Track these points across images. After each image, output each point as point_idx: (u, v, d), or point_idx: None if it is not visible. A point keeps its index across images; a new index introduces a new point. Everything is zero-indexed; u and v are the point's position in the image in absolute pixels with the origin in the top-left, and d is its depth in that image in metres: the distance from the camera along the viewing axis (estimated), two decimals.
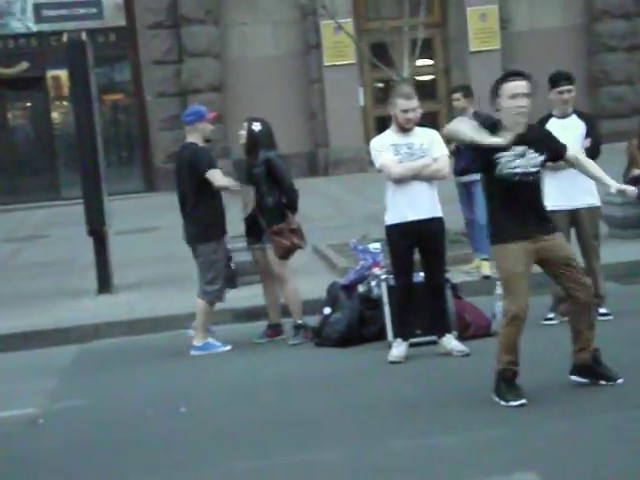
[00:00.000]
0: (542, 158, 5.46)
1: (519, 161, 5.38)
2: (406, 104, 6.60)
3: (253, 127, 7.55)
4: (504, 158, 5.37)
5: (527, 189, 5.43)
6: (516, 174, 5.38)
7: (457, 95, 9.14)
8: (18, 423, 6.07)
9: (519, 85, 5.40)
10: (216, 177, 7.34)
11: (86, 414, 6.20)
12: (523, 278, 5.37)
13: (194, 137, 7.50)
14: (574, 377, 5.58)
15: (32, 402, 6.48)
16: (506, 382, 5.43)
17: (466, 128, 5.48)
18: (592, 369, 5.55)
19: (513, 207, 5.40)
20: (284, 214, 7.51)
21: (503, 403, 5.36)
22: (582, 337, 5.51)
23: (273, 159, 7.48)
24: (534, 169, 5.43)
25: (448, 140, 5.38)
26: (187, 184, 7.44)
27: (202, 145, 7.52)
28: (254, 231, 7.53)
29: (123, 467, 5.08)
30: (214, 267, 7.41)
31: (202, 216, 7.37)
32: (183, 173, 7.50)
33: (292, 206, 7.56)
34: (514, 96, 5.37)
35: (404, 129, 6.64)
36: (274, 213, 7.46)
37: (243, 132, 7.56)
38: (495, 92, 5.47)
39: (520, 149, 5.39)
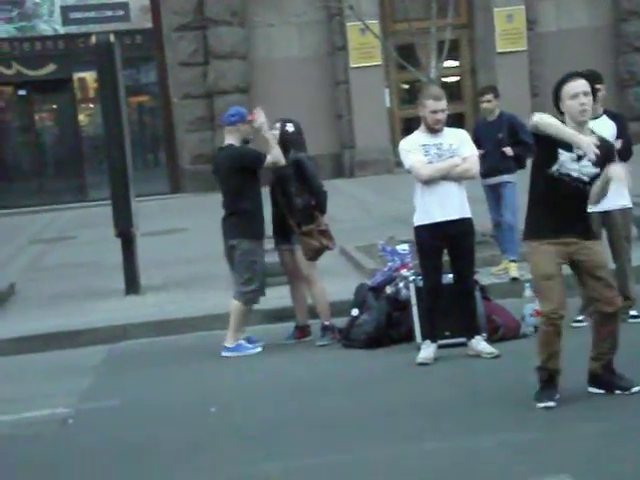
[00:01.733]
0: (595, 170, 5.34)
1: (575, 165, 5.32)
2: (435, 105, 6.59)
3: (287, 128, 7.55)
4: (564, 156, 5.30)
5: (575, 195, 5.34)
6: (569, 176, 5.31)
7: (489, 96, 9.09)
8: (48, 423, 6.10)
9: (578, 84, 5.32)
10: (276, 154, 7.26)
11: (116, 414, 6.22)
12: (554, 278, 5.34)
13: (233, 138, 7.48)
14: (590, 388, 5.53)
15: (62, 402, 6.50)
16: (541, 382, 5.40)
17: (558, 123, 5.36)
18: (605, 378, 5.48)
19: (555, 207, 5.34)
20: (313, 215, 7.51)
21: (535, 403, 5.34)
22: (597, 347, 5.48)
23: (303, 160, 7.48)
24: (586, 178, 5.34)
25: (534, 132, 5.27)
26: (229, 182, 7.42)
27: (242, 145, 7.49)
28: (282, 232, 7.52)
29: (152, 468, 5.10)
30: (252, 268, 7.38)
31: (242, 213, 7.34)
32: (222, 172, 7.48)
33: (321, 207, 7.56)
34: (574, 96, 5.30)
35: (433, 130, 6.63)
36: (303, 214, 7.46)
37: (276, 132, 7.55)
38: (556, 95, 5.40)
39: (579, 152, 5.30)
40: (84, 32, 17.74)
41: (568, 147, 5.30)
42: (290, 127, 7.55)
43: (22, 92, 19.55)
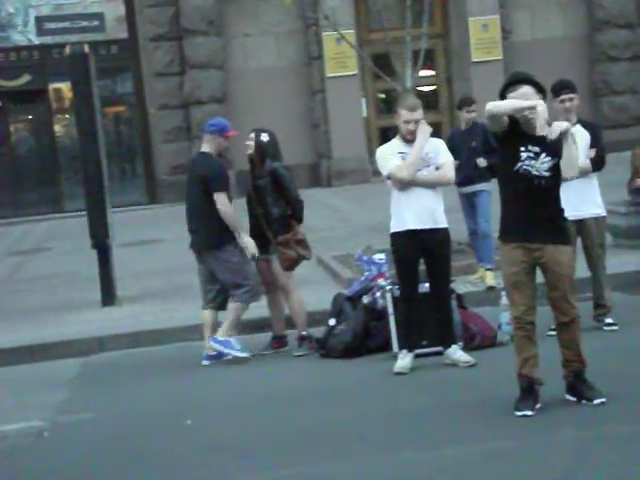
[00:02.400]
0: (553, 162, 5.38)
1: (533, 162, 5.36)
2: (409, 115, 6.62)
3: (262, 138, 7.54)
4: (525, 154, 5.34)
5: (539, 192, 5.37)
6: (530, 174, 5.34)
7: (474, 106, 9.13)
8: (23, 436, 6.05)
9: (522, 94, 5.35)
10: (223, 202, 7.29)
11: (91, 427, 6.17)
12: (520, 283, 5.37)
13: (209, 147, 7.47)
14: (567, 396, 5.56)
15: (37, 415, 6.45)
16: (521, 390, 5.43)
17: (506, 100, 5.38)
18: (575, 387, 5.50)
19: (521, 207, 5.37)
20: (290, 225, 7.51)
21: (514, 411, 5.35)
22: (564, 355, 5.51)
23: (279, 170, 7.47)
24: (546, 173, 5.38)
25: (491, 120, 5.28)
26: (198, 192, 7.40)
27: (216, 158, 7.46)
28: (259, 242, 7.50)
29: None
30: (235, 270, 7.32)
31: (215, 222, 7.29)
32: (194, 180, 7.47)
33: (298, 217, 7.56)
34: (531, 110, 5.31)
35: (407, 140, 6.65)
36: (280, 223, 7.45)
37: (250, 142, 7.54)
38: (502, 98, 5.43)
39: (535, 149, 5.35)
40: (59, 42, 17.67)
41: (528, 144, 5.32)
42: (265, 137, 7.55)
43: None
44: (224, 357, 7.55)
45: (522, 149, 5.35)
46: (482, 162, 8.91)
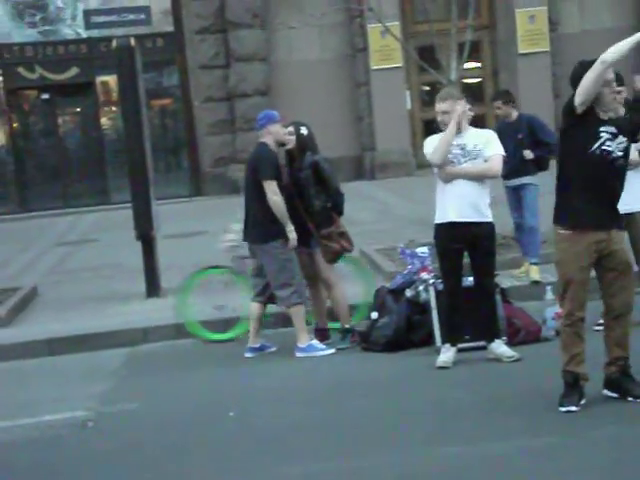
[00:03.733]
0: (627, 143, 5.32)
1: (611, 142, 5.27)
2: (437, 106, 6.61)
3: (302, 131, 7.54)
4: (605, 134, 5.26)
5: (615, 175, 5.28)
6: (610, 154, 5.25)
7: (497, 103, 9.07)
8: (68, 426, 6.12)
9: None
10: (273, 190, 7.28)
11: (136, 417, 6.24)
12: (576, 280, 5.28)
13: (267, 139, 7.44)
14: (605, 391, 5.49)
15: (82, 405, 6.53)
16: (566, 386, 5.37)
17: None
18: (620, 384, 5.43)
19: (592, 191, 5.26)
20: (331, 217, 7.50)
21: (558, 407, 5.30)
22: (612, 351, 5.43)
23: (320, 162, 7.46)
24: (621, 153, 5.30)
25: (583, 99, 5.20)
26: (250, 183, 7.41)
27: (268, 147, 7.44)
28: (300, 235, 7.50)
29: (170, 471, 5.10)
30: (284, 268, 7.31)
31: (268, 214, 7.26)
32: (249, 172, 7.47)
33: (338, 209, 7.54)
34: (608, 83, 5.25)
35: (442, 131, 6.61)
36: (321, 216, 7.45)
37: (291, 137, 7.54)
38: (575, 87, 5.31)
39: (612, 130, 5.27)
40: (106, 36, 17.82)
41: (606, 124, 5.25)
42: (304, 130, 7.54)
43: (45, 96, 19.66)
44: (267, 350, 7.58)
45: (602, 129, 5.26)
46: (529, 154, 8.82)
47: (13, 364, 8.06)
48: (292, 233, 7.30)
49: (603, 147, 5.25)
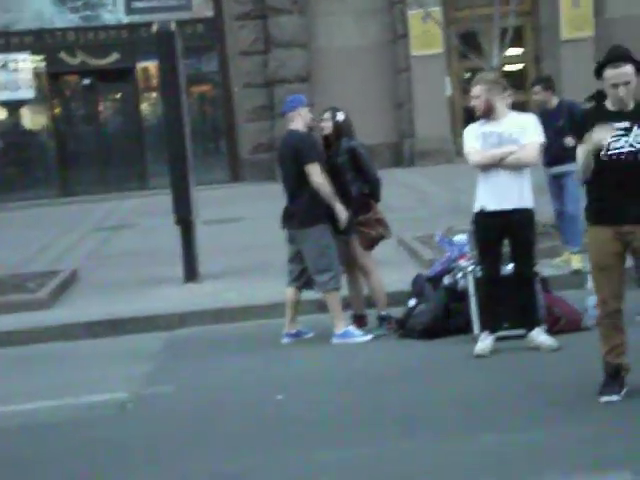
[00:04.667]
0: None
1: (624, 139, 5.19)
2: (471, 91, 6.57)
3: (338, 117, 7.51)
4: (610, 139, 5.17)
5: (632, 169, 5.19)
6: (622, 154, 5.17)
7: (536, 88, 8.97)
8: (108, 407, 6.19)
9: (620, 74, 5.15)
10: (315, 172, 7.27)
11: (174, 400, 6.28)
12: (608, 269, 5.23)
13: (296, 124, 7.41)
14: None
15: (121, 387, 6.60)
16: (606, 376, 5.31)
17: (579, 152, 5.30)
18: None
19: (612, 187, 5.19)
20: (368, 204, 7.46)
21: (598, 397, 5.24)
22: None
23: (357, 148, 7.43)
24: (638, 145, 5.19)
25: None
26: (291, 169, 7.37)
27: (305, 132, 7.40)
28: (337, 222, 7.47)
29: (207, 454, 5.13)
30: (324, 253, 7.28)
31: (307, 200, 7.25)
32: (286, 159, 7.43)
33: (376, 195, 7.51)
34: (615, 86, 5.18)
35: (485, 117, 6.55)
36: (358, 202, 7.42)
37: (328, 123, 7.50)
38: (598, 74, 5.27)
39: (624, 125, 5.18)
40: (147, 21, 17.87)
41: (616, 120, 5.16)
42: (341, 115, 7.50)
43: (87, 81, 19.82)
44: (304, 336, 7.58)
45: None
46: (570, 142, 8.66)
47: (54, 346, 8.16)
48: (342, 212, 7.27)
49: (610, 152, 5.16)
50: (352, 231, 7.46)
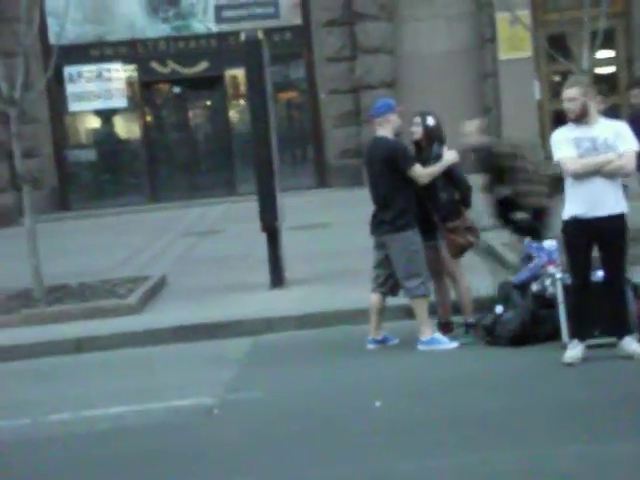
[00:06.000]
0: None
1: None
2: (564, 94, 6.45)
3: (428, 122, 7.45)
4: None
5: None
6: None
7: (635, 92, 8.74)
8: (194, 412, 6.25)
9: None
10: (420, 173, 7.25)
11: (260, 405, 6.31)
12: None
13: (385, 130, 7.37)
14: None
15: (208, 392, 6.66)
16: None
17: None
18: None
19: None
20: (458, 210, 7.39)
21: None
22: None
23: None
24: None
25: None
26: (381, 176, 7.32)
27: (393, 138, 7.37)
28: (427, 228, 7.42)
29: (296, 460, 5.13)
30: (413, 259, 7.24)
31: (398, 205, 7.22)
32: (375, 165, 7.39)
33: (466, 202, 7.43)
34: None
35: (578, 121, 6.40)
36: (448, 209, 7.35)
37: (418, 128, 7.45)
38: None
39: None
40: (236, 30, 18.09)
41: None
42: (431, 120, 7.45)
43: (177, 90, 20.17)
44: (389, 342, 7.54)
45: None
46: None
47: (142, 351, 8.29)
48: (448, 156, 7.31)
49: None
50: (441, 237, 7.39)
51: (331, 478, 4.81)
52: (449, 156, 7.34)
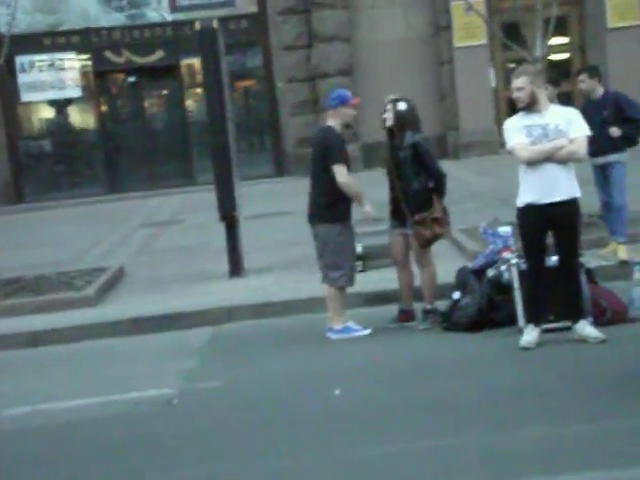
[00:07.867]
0: None
1: None
2: (512, 83, 6.53)
3: (399, 107, 7.42)
4: None
5: None
6: None
7: (582, 77, 8.87)
8: (154, 403, 6.24)
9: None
10: (340, 172, 7.29)
11: (220, 395, 6.32)
12: None
13: (333, 121, 7.41)
14: None
15: (168, 383, 6.65)
16: None
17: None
18: None
19: None
20: (430, 200, 7.38)
21: None
22: None
23: (421, 144, 7.33)
24: None
25: None
26: (317, 165, 7.42)
27: (338, 131, 7.41)
28: (398, 216, 7.44)
29: (254, 449, 5.15)
30: (339, 250, 7.33)
31: (328, 197, 7.30)
32: (315, 155, 7.46)
33: (440, 190, 7.43)
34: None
35: (528, 109, 6.48)
36: (420, 198, 7.33)
37: (389, 114, 7.45)
38: None
39: None
40: (191, 19, 17.98)
41: None
42: (402, 105, 7.38)
43: (132, 79, 20.01)
44: (351, 332, 7.57)
45: None
46: (615, 132, 8.60)
47: (101, 343, 8.25)
48: (367, 206, 7.32)
49: None
50: (409, 226, 7.39)
51: (295, 465, 4.84)
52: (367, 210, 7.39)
